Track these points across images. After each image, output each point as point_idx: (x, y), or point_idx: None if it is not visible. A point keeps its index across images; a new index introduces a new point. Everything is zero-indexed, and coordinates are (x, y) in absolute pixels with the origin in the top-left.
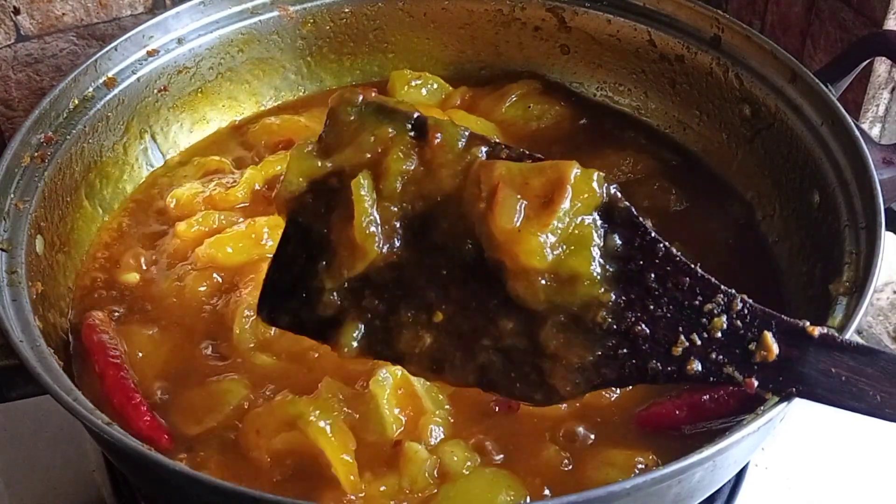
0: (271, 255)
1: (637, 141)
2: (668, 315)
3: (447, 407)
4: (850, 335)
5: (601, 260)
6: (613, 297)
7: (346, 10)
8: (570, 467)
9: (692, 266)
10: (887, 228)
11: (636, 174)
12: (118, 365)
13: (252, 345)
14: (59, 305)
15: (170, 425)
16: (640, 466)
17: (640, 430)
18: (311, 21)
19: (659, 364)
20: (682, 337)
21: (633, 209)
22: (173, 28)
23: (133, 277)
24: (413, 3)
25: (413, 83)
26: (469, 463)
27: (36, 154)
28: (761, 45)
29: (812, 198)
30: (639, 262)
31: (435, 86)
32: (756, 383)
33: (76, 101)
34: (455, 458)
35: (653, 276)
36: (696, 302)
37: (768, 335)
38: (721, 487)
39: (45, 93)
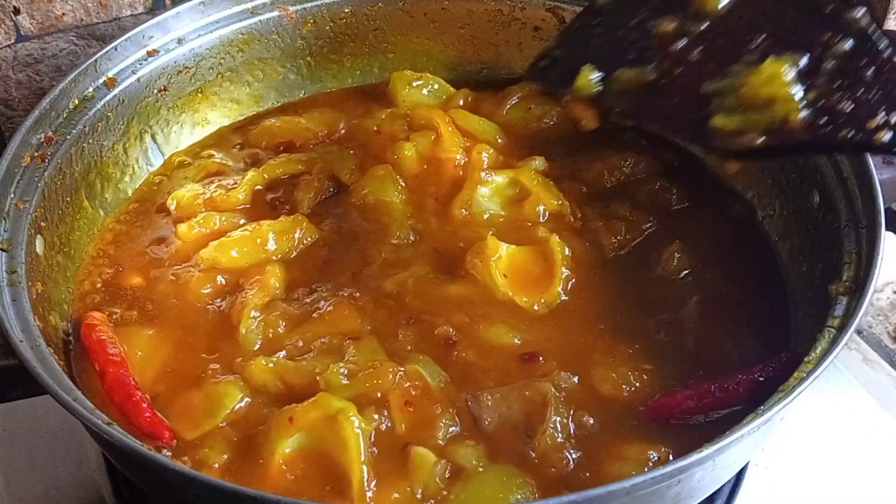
0: (276, 259)
1: (638, 141)
2: (874, 99)
3: (458, 405)
4: (850, 335)
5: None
6: (825, 86)
7: (346, 10)
8: (584, 463)
9: None
10: (887, 228)
11: (637, 174)
12: (118, 362)
13: (257, 345)
14: (60, 305)
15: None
16: (653, 460)
17: (652, 422)
18: (311, 21)
19: (851, 133)
20: (882, 114)
21: (872, 30)
22: (173, 28)
23: (134, 278)
24: (413, 3)
25: (414, 84)
26: (480, 461)
27: (36, 154)
28: None
29: (812, 198)
30: (863, 60)
31: (436, 86)
32: None
33: (76, 101)
34: (466, 455)
35: (871, 71)
36: None
37: None
38: (721, 487)
39: (45, 93)
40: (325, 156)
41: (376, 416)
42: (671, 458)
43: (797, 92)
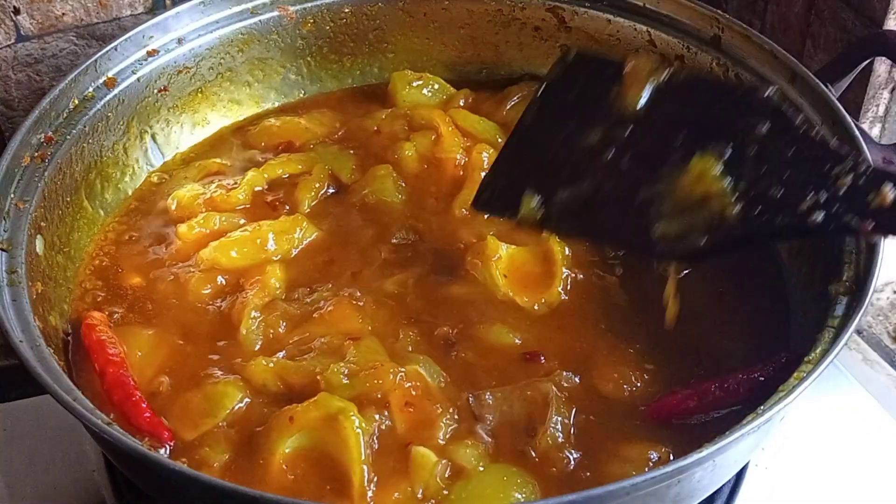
0: (276, 259)
1: None
2: (801, 180)
3: (459, 405)
4: (850, 335)
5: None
6: (752, 174)
7: (346, 10)
8: (584, 462)
9: (826, 142)
10: None
11: None
12: (118, 362)
13: (258, 345)
14: (59, 306)
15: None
16: (653, 460)
17: (653, 422)
18: (311, 21)
19: (786, 219)
20: (811, 195)
21: (785, 108)
22: (173, 28)
23: (134, 278)
24: (413, 3)
25: (414, 84)
26: (481, 460)
27: (36, 154)
28: (761, 45)
29: None
30: (782, 140)
31: (436, 86)
32: (870, 227)
33: (76, 101)
34: (467, 454)
35: (792, 150)
36: (826, 167)
37: (887, 186)
38: (721, 487)
39: (45, 93)
40: (325, 156)
41: (377, 417)
42: (671, 458)
43: (728, 185)
